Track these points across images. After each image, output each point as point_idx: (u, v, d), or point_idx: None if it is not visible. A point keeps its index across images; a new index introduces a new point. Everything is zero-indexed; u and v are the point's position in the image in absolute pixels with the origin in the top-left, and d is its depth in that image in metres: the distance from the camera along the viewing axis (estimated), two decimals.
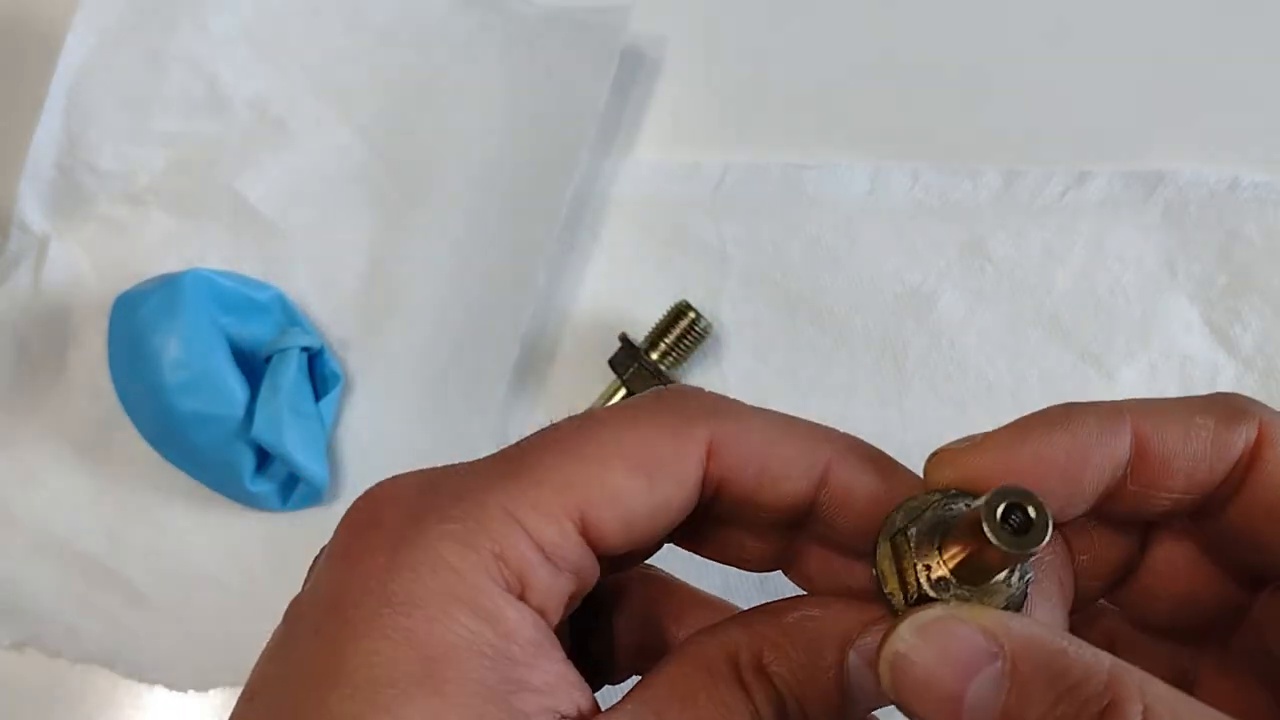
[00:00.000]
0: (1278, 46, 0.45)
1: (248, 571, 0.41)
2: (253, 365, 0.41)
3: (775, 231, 0.43)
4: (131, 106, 0.46)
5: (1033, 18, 0.46)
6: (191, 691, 0.40)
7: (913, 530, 0.21)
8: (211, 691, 0.40)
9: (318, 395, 0.42)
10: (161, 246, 0.45)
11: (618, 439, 0.21)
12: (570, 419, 0.22)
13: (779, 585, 0.25)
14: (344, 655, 0.19)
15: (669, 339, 0.41)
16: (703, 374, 0.42)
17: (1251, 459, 0.21)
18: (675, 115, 0.46)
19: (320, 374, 0.42)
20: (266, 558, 0.41)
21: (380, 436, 0.42)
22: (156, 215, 0.45)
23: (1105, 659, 0.18)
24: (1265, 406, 0.22)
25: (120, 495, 0.42)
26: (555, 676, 0.20)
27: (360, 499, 0.21)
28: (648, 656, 0.25)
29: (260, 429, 0.39)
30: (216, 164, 0.45)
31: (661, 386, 0.23)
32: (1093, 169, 0.43)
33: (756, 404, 0.24)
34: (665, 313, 0.42)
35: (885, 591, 0.21)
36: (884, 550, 0.21)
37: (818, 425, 0.23)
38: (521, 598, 0.20)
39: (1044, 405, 0.40)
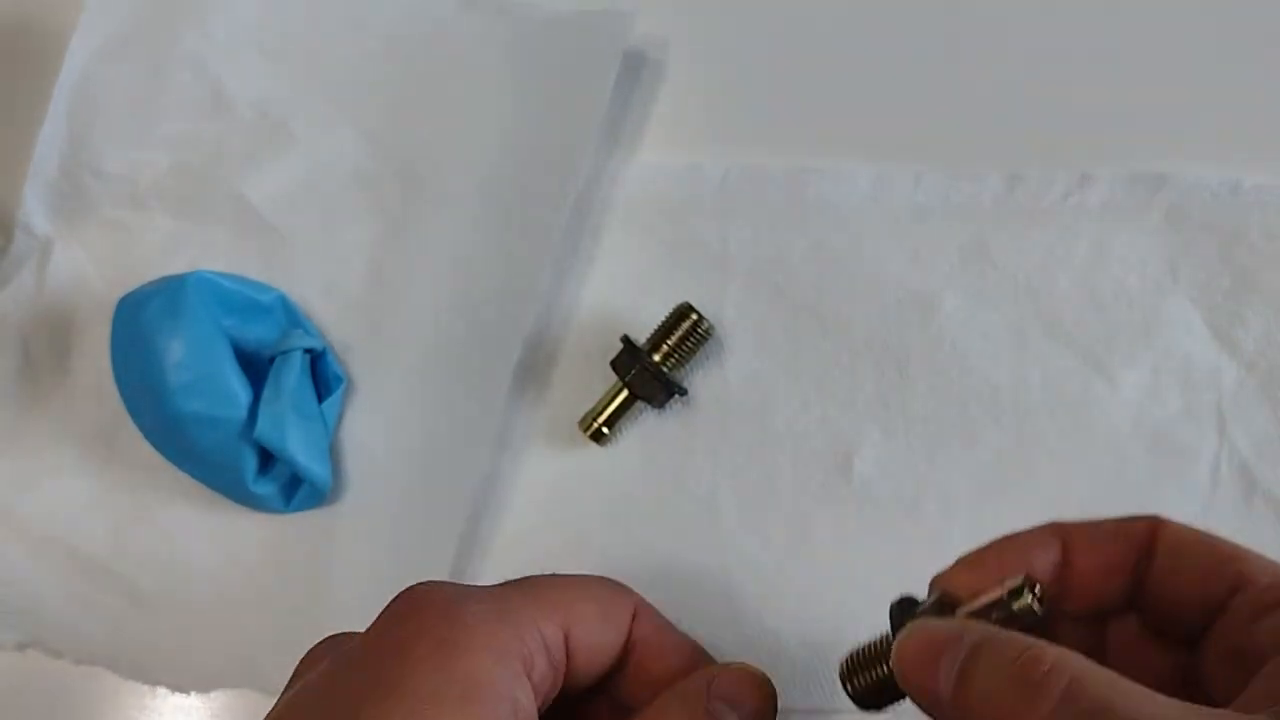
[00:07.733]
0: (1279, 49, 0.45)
1: (250, 573, 0.41)
2: (256, 367, 0.41)
3: (777, 234, 0.43)
4: (135, 109, 0.46)
5: (1034, 20, 0.46)
6: (194, 693, 0.40)
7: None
8: (214, 693, 0.40)
9: (320, 397, 0.42)
10: (164, 249, 0.45)
11: (585, 585, 0.29)
12: (545, 575, 0.29)
13: None
14: (401, 679, 0.24)
15: (671, 341, 0.41)
16: (704, 376, 0.42)
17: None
18: (677, 117, 0.46)
19: (323, 376, 0.42)
20: (269, 559, 0.41)
21: (383, 438, 0.42)
22: (160, 218, 0.45)
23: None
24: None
25: (123, 497, 0.42)
26: None
27: (399, 599, 0.26)
28: None
29: (263, 430, 0.39)
30: (219, 167, 0.45)
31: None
32: (1095, 172, 0.43)
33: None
34: (667, 315, 0.42)
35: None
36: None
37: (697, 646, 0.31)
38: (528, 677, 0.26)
39: (1046, 408, 0.40)
